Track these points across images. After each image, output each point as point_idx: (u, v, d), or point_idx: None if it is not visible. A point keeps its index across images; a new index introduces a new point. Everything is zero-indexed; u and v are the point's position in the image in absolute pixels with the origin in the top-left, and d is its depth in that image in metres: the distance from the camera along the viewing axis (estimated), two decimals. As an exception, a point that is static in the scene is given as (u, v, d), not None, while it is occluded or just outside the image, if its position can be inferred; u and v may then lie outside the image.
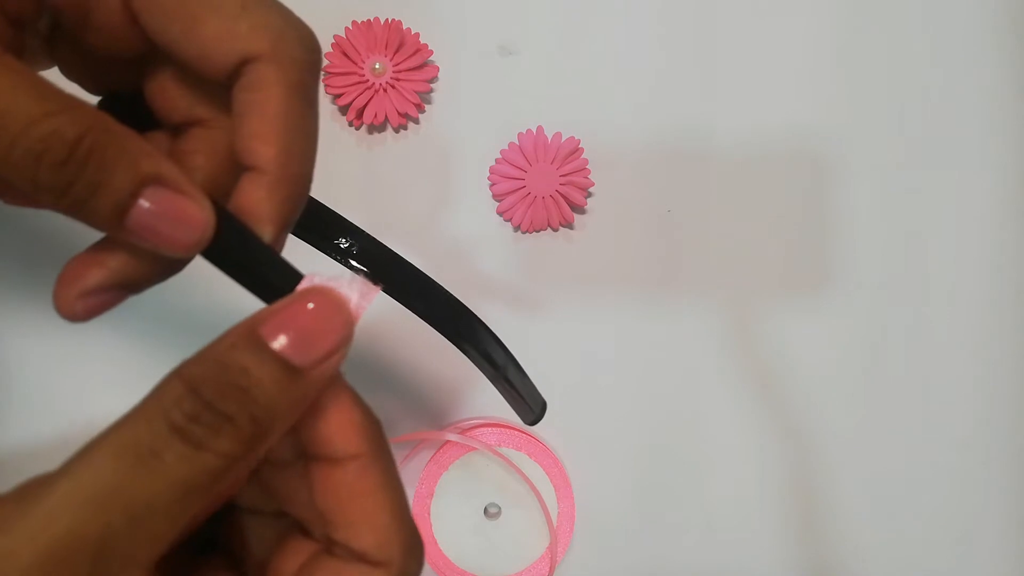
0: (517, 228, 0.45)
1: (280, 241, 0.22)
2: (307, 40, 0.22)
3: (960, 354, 0.47)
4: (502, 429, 0.45)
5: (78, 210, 0.18)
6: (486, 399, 0.45)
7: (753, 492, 0.46)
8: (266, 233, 0.21)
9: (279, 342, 0.18)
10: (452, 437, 0.44)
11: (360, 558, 0.20)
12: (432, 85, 0.45)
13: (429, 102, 0.46)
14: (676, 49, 0.46)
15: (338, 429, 0.20)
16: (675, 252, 0.46)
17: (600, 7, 0.46)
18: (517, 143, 0.44)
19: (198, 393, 0.17)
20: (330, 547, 0.21)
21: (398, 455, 0.46)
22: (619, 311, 0.46)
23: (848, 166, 0.47)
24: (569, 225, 0.46)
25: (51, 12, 0.21)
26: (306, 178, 0.22)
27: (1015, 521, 0.47)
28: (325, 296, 0.19)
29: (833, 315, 0.46)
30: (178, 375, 0.18)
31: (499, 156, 0.45)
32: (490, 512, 0.46)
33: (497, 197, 0.45)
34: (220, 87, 0.21)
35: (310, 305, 0.19)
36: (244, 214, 0.21)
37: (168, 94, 0.23)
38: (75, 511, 0.16)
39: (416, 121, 0.45)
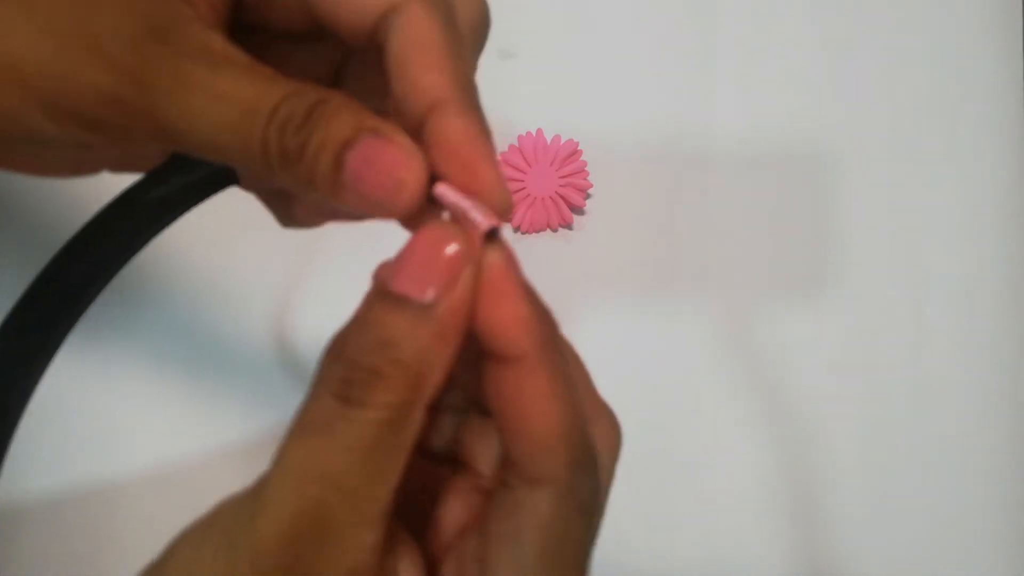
0: (516, 229, 0.46)
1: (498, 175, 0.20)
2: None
3: (958, 353, 0.47)
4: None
5: (310, 175, 0.18)
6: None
7: (752, 492, 0.47)
8: (490, 170, 0.19)
9: (401, 284, 0.18)
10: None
11: (522, 476, 0.19)
12: (433, 88, 0.46)
13: (430, 105, 0.46)
14: (674, 52, 0.47)
15: (500, 325, 0.19)
16: (673, 253, 0.46)
17: (599, 10, 0.46)
18: (517, 145, 0.45)
19: (343, 356, 0.18)
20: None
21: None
22: (617, 311, 0.46)
23: (846, 167, 0.47)
24: (568, 226, 0.46)
25: None
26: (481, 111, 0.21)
27: (1014, 520, 0.47)
28: (430, 229, 0.18)
29: (832, 315, 0.47)
30: (326, 347, 0.18)
31: (499, 158, 0.45)
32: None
33: (497, 199, 0.45)
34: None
35: (421, 240, 0.18)
36: (459, 156, 0.19)
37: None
38: (289, 494, 0.18)
39: (417, 123, 0.46)
